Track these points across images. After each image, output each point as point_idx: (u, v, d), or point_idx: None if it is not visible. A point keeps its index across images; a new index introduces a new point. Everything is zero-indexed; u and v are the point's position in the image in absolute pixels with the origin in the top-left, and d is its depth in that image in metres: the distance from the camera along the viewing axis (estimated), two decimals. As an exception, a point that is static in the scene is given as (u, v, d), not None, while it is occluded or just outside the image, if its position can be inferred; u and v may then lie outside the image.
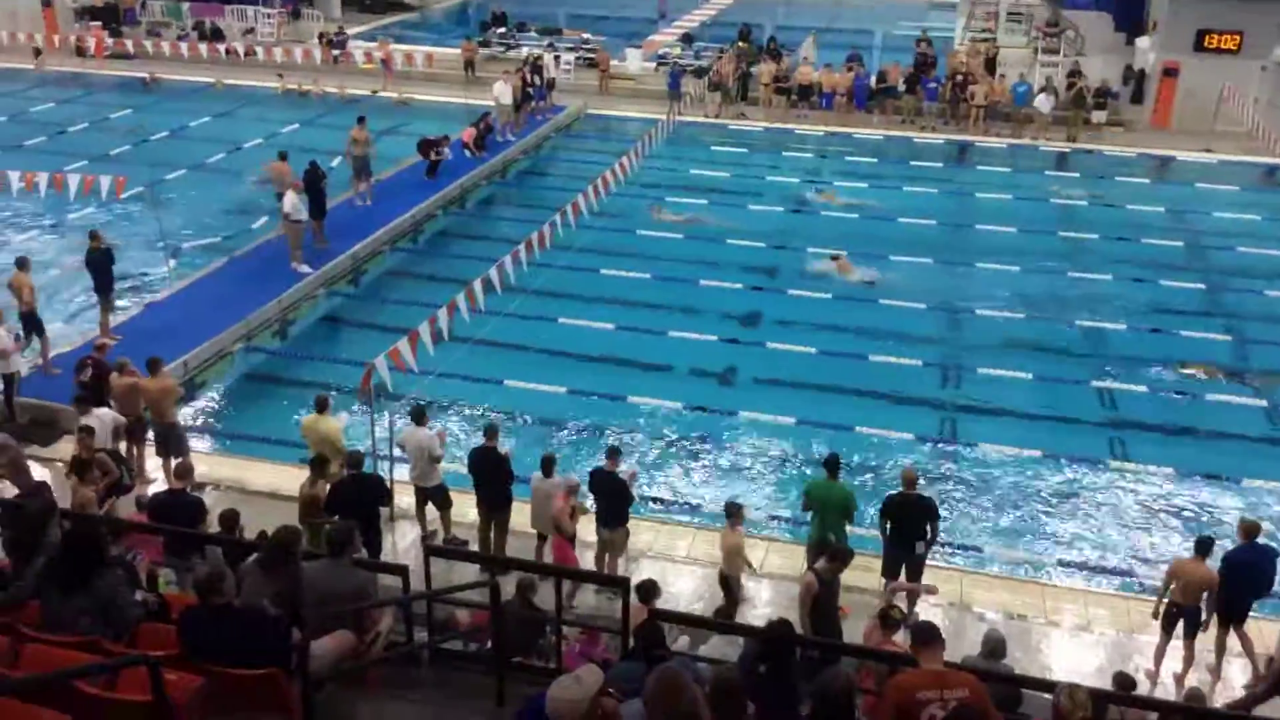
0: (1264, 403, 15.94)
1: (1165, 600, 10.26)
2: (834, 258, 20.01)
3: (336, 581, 6.70)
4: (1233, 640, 10.39)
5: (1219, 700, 9.91)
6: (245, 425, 15.04)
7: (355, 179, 22.14)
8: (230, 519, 9.57)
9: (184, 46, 34.09)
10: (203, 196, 23.20)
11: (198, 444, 13.82)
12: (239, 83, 32.43)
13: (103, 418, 11.83)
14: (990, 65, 30.57)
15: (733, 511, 10.77)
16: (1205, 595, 10.11)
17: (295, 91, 31.52)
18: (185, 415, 14.07)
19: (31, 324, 14.79)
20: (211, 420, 15.18)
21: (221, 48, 34.02)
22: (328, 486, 10.71)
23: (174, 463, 11.94)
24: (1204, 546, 10.21)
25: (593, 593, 10.83)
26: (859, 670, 8.10)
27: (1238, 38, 27.62)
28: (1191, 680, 10.20)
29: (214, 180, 24.34)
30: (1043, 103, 28.05)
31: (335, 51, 33.64)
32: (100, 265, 15.66)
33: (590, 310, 18.22)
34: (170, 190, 22.90)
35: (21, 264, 14.71)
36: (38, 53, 33.42)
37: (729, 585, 10.72)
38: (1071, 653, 10.73)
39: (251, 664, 5.93)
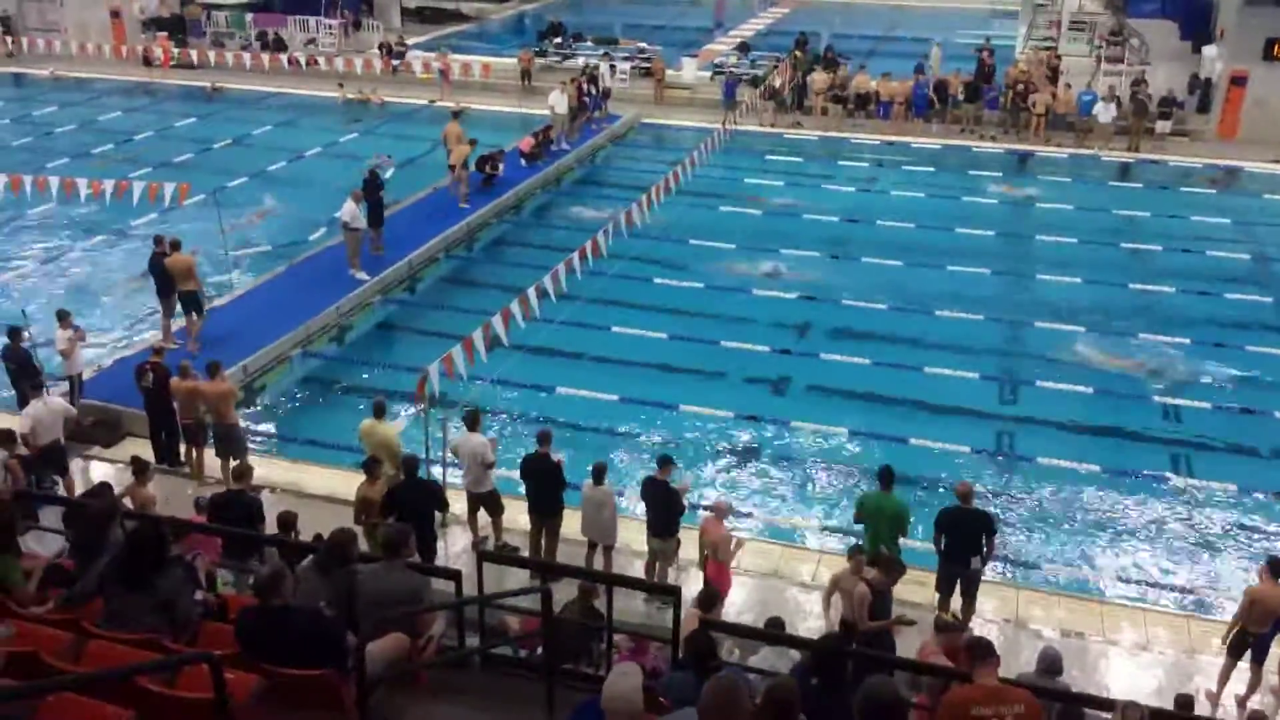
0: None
1: (1238, 626, 9.97)
2: None
3: (390, 584, 6.76)
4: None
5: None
6: (302, 429, 15.27)
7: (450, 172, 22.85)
8: (288, 521, 9.71)
9: (247, 57, 34.75)
10: (262, 203, 23.58)
11: (255, 447, 14.05)
12: (299, 92, 32.98)
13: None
14: (1054, 74, 30.15)
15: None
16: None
17: (356, 99, 31.97)
18: (243, 418, 14.29)
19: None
20: (269, 424, 15.41)
21: (284, 58, 34.63)
22: (382, 488, 10.83)
23: (232, 464, 12.16)
24: (1278, 568, 9.93)
25: (642, 601, 10.82)
26: (918, 693, 8.02)
27: (1308, 45, 26.98)
28: (1255, 703, 9.94)
29: (276, 188, 24.71)
30: (1103, 112, 27.61)
31: (395, 61, 34.06)
32: (163, 270, 15.98)
33: (643, 318, 18.24)
34: (234, 198, 23.32)
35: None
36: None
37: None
38: (1130, 672, 10.52)
39: (307, 665, 6.00)
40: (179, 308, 16.12)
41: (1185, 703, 8.76)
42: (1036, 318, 18.56)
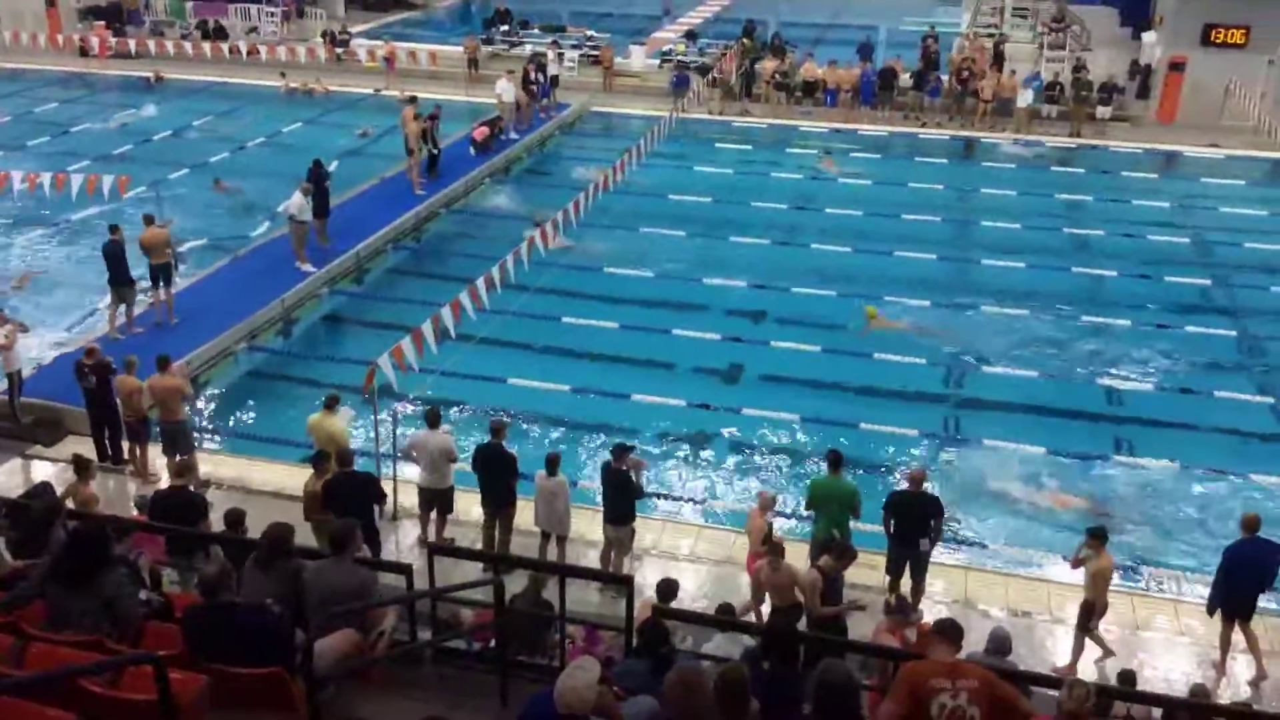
0: (1270, 399, 15.89)
1: None
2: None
3: (339, 580, 6.70)
4: (1238, 636, 10.37)
5: (1224, 697, 9.86)
6: (248, 424, 15.08)
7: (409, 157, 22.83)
8: (237, 518, 9.57)
9: (187, 46, 34.11)
10: (206, 195, 23.16)
11: (201, 443, 13.83)
12: (241, 81, 32.46)
13: None
14: (998, 60, 30.49)
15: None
16: None
17: (299, 90, 31.54)
18: (187, 413, 14.07)
19: None
20: (215, 419, 15.18)
21: (225, 46, 34.04)
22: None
23: (180, 458, 12.00)
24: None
25: (596, 591, 10.82)
26: (871, 675, 8.11)
27: (1245, 32, 27.52)
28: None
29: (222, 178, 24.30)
30: (1022, 97, 28.08)
31: (339, 50, 33.64)
32: (116, 257, 15.71)
33: (594, 308, 18.22)
34: (175, 188, 22.91)
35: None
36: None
37: None
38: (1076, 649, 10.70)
39: (255, 663, 5.94)
40: (125, 296, 15.97)
41: (1129, 678, 8.94)
42: (982, 302, 18.80)
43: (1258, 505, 13.12)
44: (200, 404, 15.30)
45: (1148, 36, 30.58)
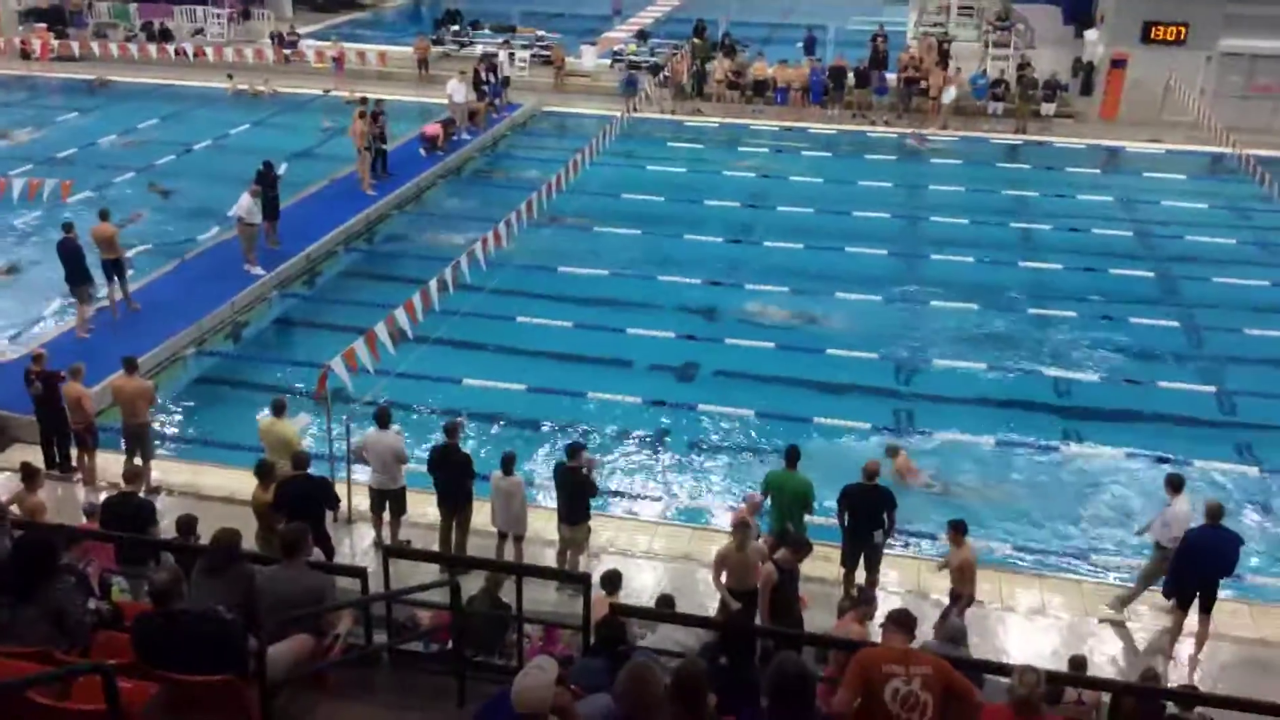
0: (1213, 388, 16.24)
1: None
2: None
3: (291, 585, 6.64)
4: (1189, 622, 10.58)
5: (1173, 680, 10.07)
6: (199, 429, 14.90)
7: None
8: (188, 524, 9.45)
9: (133, 48, 33.57)
10: (152, 199, 22.82)
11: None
12: (187, 83, 32.01)
13: None
14: (944, 59, 30.86)
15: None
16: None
17: (246, 92, 31.17)
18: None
19: None
20: (165, 425, 14.95)
21: (171, 49, 33.55)
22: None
23: (134, 463, 11.85)
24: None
25: (554, 590, 10.81)
26: (826, 667, 8.18)
27: (1183, 29, 28.07)
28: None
29: (165, 183, 23.92)
30: (948, 94, 28.47)
31: (287, 51, 33.30)
32: (73, 255, 15.56)
33: (548, 308, 18.20)
34: (120, 193, 22.54)
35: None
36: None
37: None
38: (1027, 636, 10.89)
39: (208, 670, 5.87)
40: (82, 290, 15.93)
41: (1079, 663, 9.10)
42: (932, 297, 19.03)
43: (1201, 490, 13.47)
44: (149, 410, 15.05)
45: (1090, 34, 31.10)
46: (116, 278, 16.46)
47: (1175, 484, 10.94)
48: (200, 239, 20.45)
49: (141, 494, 10.61)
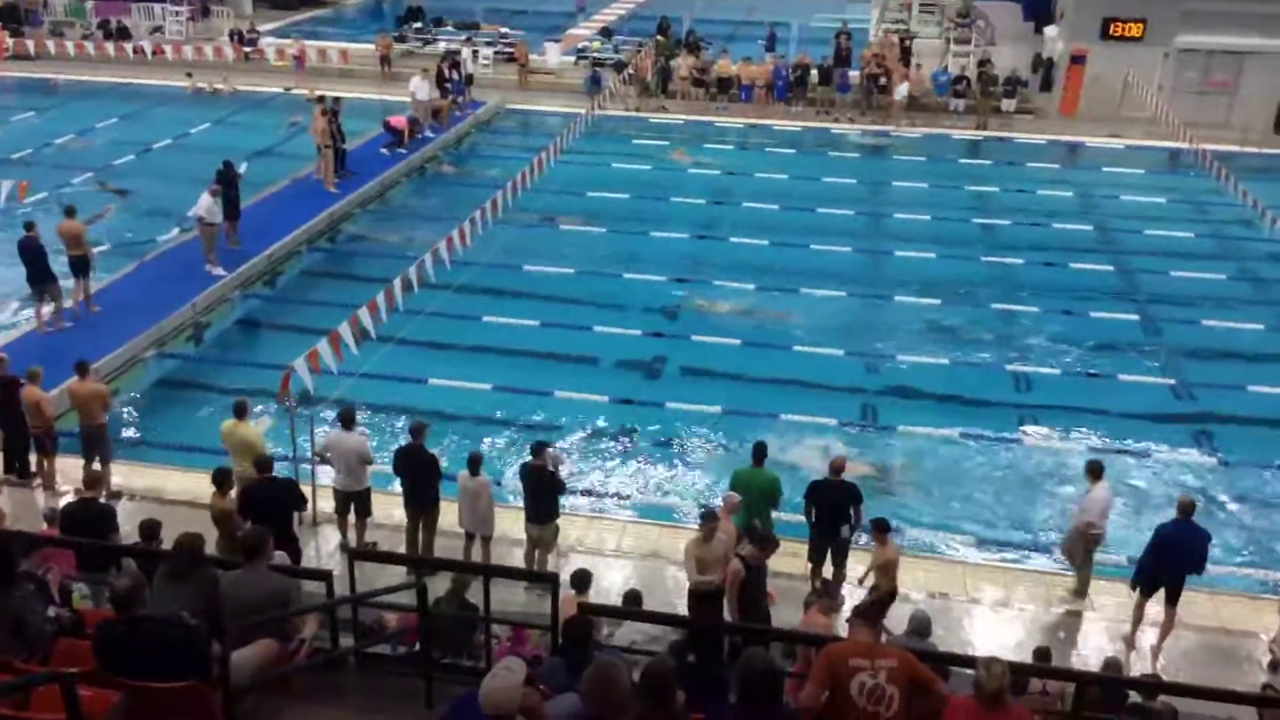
0: (1171, 380, 16.47)
1: None
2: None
3: (254, 589, 6.57)
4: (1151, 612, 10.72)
5: (1135, 669, 10.21)
6: (161, 433, 14.70)
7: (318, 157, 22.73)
8: (151, 529, 9.33)
9: (89, 46, 33.10)
10: (109, 199, 22.50)
11: (113, 453, 13.44)
12: (147, 82, 31.61)
13: None
14: (905, 56, 31.07)
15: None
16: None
17: (205, 91, 30.83)
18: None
19: None
20: (125, 429, 14.76)
21: (128, 47, 33.12)
22: (234, 496, 10.51)
23: (95, 468, 11.67)
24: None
25: (523, 590, 10.78)
26: (793, 660, 8.23)
27: (1141, 25, 28.44)
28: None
29: (124, 183, 23.61)
30: (900, 91, 28.71)
31: (247, 49, 32.98)
32: (35, 253, 15.45)
33: (514, 306, 18.15)
34: (77, 193, 22.20)
35: None
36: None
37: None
38: (992, 628, 11.00)
39: (171, 677, 5.80)
40: (50, 292, 15.92)
41: (1043, 654, 9.21)
42: (896, 292, 19.16)
43: (1155, 480, 13.72)
44: (110, 413, 14.83)
45: (1049, 31, 31.40)
46: (81, 276, 16.38)
47: (1095, 470, 11.21)
48: (160, 240, 20.20)
49: (102, 499, 10.47)
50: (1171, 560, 10.39)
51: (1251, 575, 12.24)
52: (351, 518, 11.73)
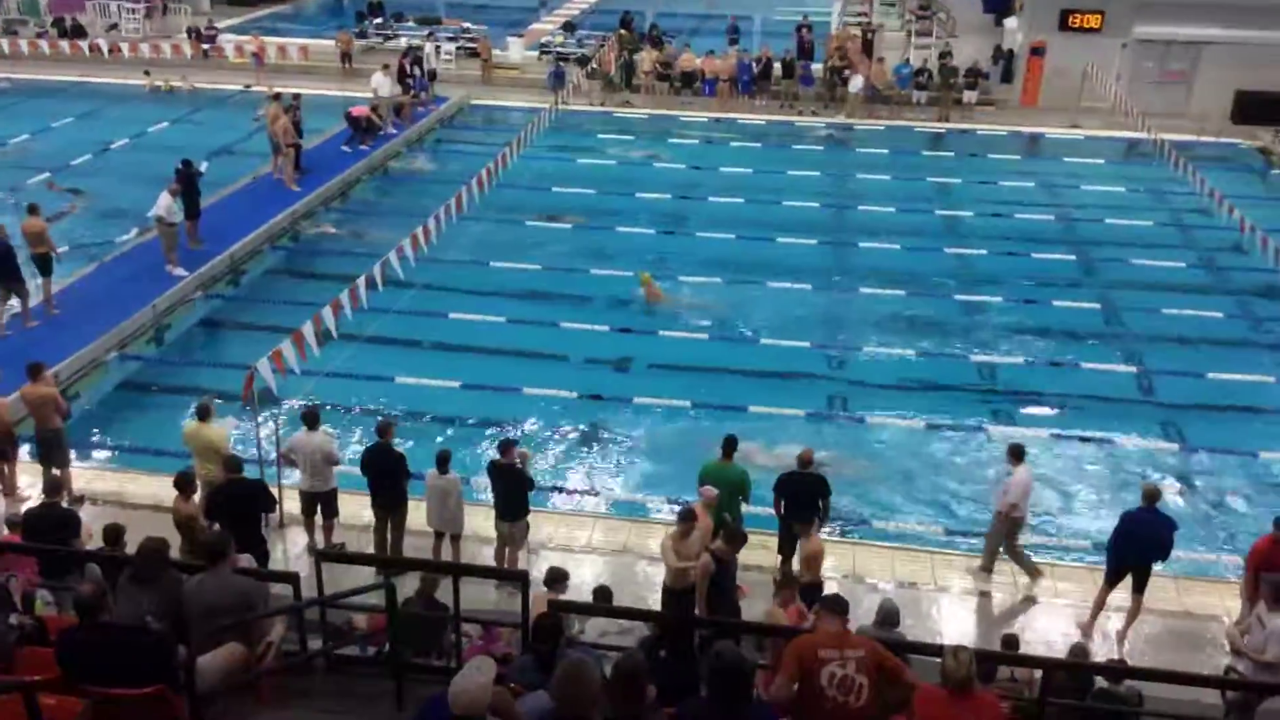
0: (1133, 368, 16.67)
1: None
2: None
3: (218, 593, 6.51)
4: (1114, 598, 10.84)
5: (1100, 655, 10.33)
6: (123, 436, 14.53)
7: (274, 156, 22.58)
8: (115, 534, 9.21)
9: (44, 45, 32.58)
10: (66, 200, 22.20)
11: (73, 458, 13.26)
12: (104, 80, 31.19)
13: None
14: (868, 48, 31.22)
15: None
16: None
17: (162, 88, 30.44)
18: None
19: None
20: (87, 433, 14.56)
21: (84, 45, 32.66)
22: (198, 501, 10.40)
23: (53, 473, 11.51)
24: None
25: (493, 588, 10.75)
26: (764, 652, 8.25)
27: (1100, 17, 28.72)
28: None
29: (82, 183, 23.28)
30: (855, 84, 28.96)
31: (205, 46, 32.61)
32: (5, 252, 15.31)
33: (481, 303, 18.08)
34: (32, 194, 21.86)
35: None
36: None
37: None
38: (960, 617, 11.09)
39: (137, 683, 5.74)
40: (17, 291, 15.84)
41: (1010, 641, 9.29)
42: (862, 284, 19.27)
43: (1119, 467, 13.89)
44: (71, 417, 14.62)
45: (1009, 22, 31.69)
46: (44, 275, 16.33)
47: (1017, 453, 11.37)
48: (119, 240, 19.94)
49: (64, 504, 10.32)
50: (1137, 547, 10.51)
51: (1214, 560, 12.40)
52: (319, 519, 11.64)
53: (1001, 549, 11.51)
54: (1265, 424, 15.21)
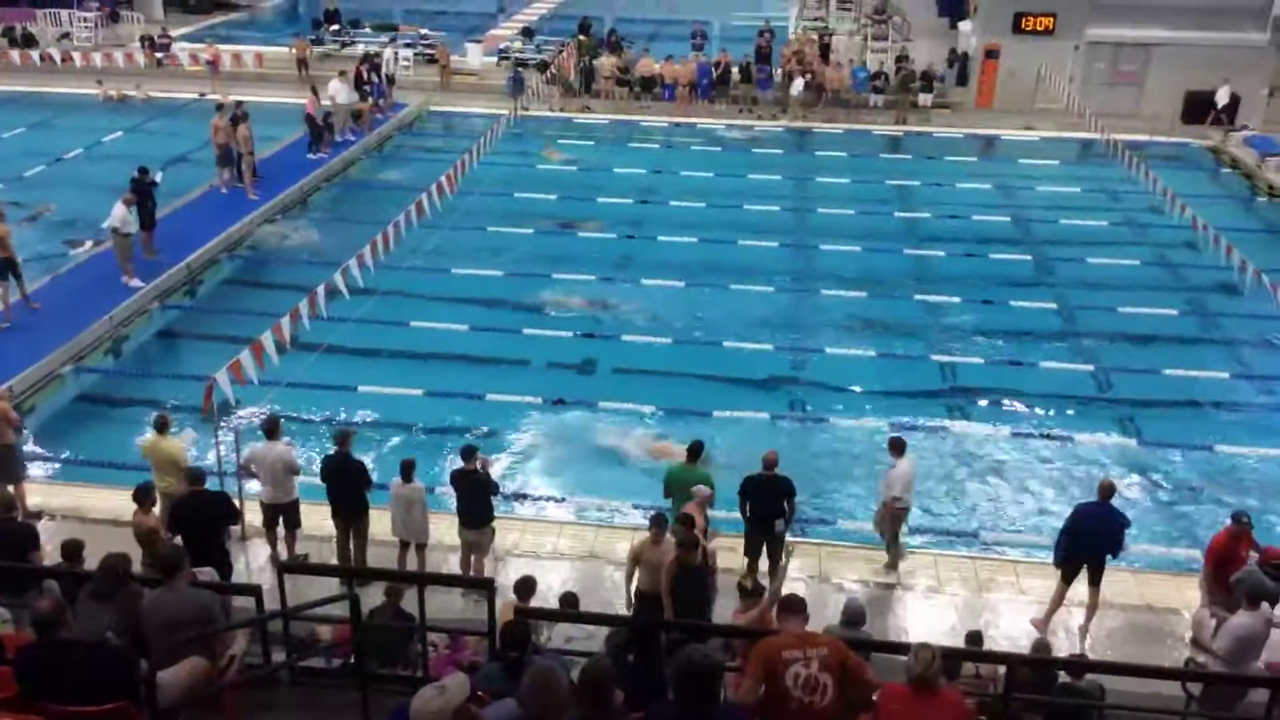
0: (1090, 366, 16.89)
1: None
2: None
3: (175, 607, 6.42)
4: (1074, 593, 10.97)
5: (1062, 650, 10.44)
6: (81, 450, 14.30)
7: (219, 168, 22.32)
8: (74, 549, 9.05)
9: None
10: (18, 212, 21.80)
11: (30, 473, 13.04)
12: (56, 90, 30.74)
13: None
14: (825, 53, 31.45)
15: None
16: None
17: (115, 98, 30.05)
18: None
19: None
20: (43, 447, 14.33)
21: (35, 54, 32.18)
22: (161, 513, 10.26)
23: (7, 489, 11.28)
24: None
25: (460, 596, 10.70)
26: (730, 654, 8.26)
27: (1052, 19, 29.14)
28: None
29: (35, 195, 22.91)
30: (797, 84, 29.24)
31: (159, 55, 32.25)
32: None
33: (443, 310, 18.00)
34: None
35: None
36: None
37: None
38: (925, 614, 11.17)
39: (97, 700, 5.66)
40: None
41: (975, 638, 9.37)
42: (823, 286, 19.39)
43: (1078, 463, 14.07)
44: (26, 432, 14.38)
45: (964, 26, 32.04)
46: (13, 278, 16.20)
47: (898, 446, 11.51)
48: (74, 253, 19.65)
49: (20, 519, 10.13)
50: (1089, 542, 10.62)
51: (1174, 554, 12.59)
52: (281, 530, 11.52)
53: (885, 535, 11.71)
54: (1220, 418, 15.48)
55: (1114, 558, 10.77)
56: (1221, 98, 28.13)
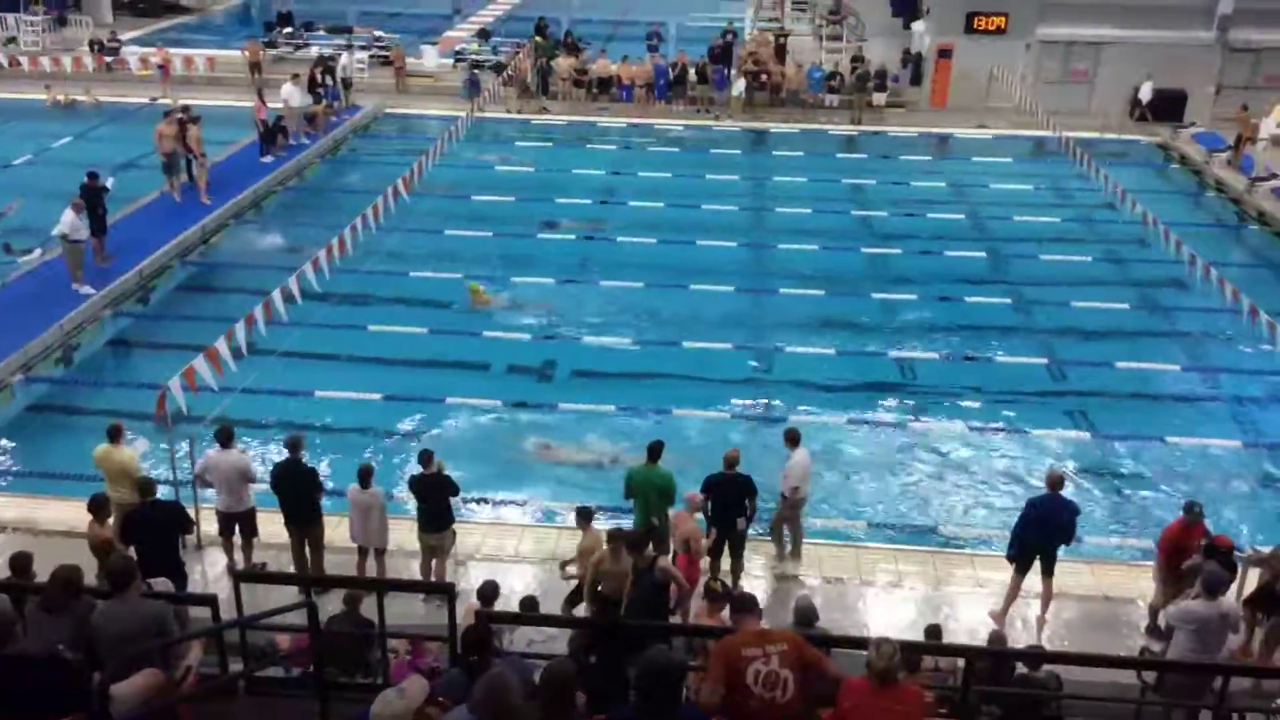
0: (1044, 360, 17.11)
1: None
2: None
3: (127, 619, 6.31)
4: (1029, 584, 11.09)
5: (1020, 641, 10.55)
6: (31, 461, 14.05)
7: (166, 176, 21.93)
8: (23, 563, 8.88)
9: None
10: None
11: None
12: (3, 96, 30.18)
13: None
14: (780, 53, 31.60)
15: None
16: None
17: (63, 103, 29.55)
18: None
19: None
20: (-8, 459, 14.09)
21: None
22: (113, 524, 10.11)
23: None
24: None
25: (420, 602, 10.62)
26: (694, 654, 8.27)
27: (1004, 19, 29.49)
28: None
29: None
30: (738, 85, 29.46)
31: (108, 59, 31.76)
32: None
33: (401, 314, 17.88)
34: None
35: None
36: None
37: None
38: (885, 609, 11.24)
39: (49, 713, 5.55)
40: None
41: (934, 632, 9.46)
42: (781, 284, 19.48)
43: (1035, 456, 14.24)
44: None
45: (917, 26, 32.31)
46: None
47: (793, 438, 11.67)
48: (22, 261, 19.29)
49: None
50: (1041, 533, 10.75)
51: (1128, 544, 12.78)
52: (237, 539, 11.37)
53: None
54: (1171, 410, 15.73)
55: (1067, 546, 10.90)
56: (1145, 94, 28.68)
